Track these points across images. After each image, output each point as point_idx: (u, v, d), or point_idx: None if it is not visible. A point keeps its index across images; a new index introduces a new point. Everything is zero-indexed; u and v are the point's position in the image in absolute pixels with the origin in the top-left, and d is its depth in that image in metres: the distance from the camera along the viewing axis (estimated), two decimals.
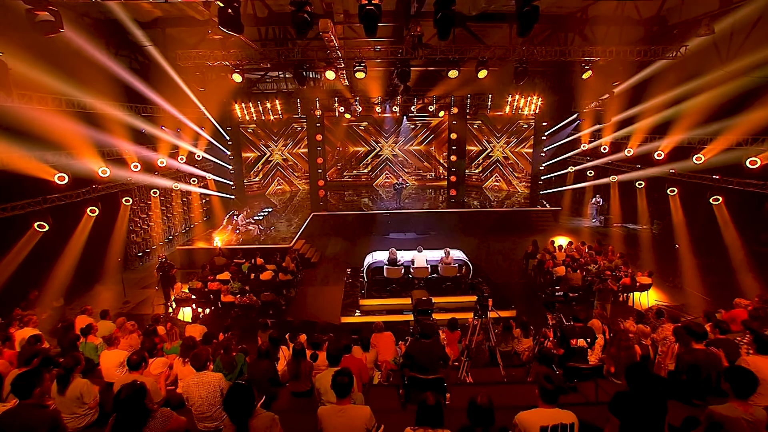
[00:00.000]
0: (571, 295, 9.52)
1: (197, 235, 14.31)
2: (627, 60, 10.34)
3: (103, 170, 9.64)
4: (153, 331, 5.80)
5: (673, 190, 12.04)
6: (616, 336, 5.04)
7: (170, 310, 9.64)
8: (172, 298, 9.66)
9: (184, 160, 13.79)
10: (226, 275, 10.12)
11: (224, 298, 9.38)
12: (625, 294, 9.61)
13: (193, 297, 9.58)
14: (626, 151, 13.02)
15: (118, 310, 9.21)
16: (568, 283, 9.58)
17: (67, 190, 9.21)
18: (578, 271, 9.71)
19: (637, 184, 13.59)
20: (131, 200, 11.67)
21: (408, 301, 9.17)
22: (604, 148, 14.32)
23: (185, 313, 9.59)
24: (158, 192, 13.02)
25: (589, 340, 4.80)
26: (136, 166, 11.09)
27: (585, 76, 10.75)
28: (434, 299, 9.10)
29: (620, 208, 15.01)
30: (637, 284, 9.30)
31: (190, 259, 12.20)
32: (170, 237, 14.10)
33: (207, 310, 9.71)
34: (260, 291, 9.58)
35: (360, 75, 10.90)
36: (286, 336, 6.73)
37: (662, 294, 9.80)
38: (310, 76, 17.03)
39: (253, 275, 10.35)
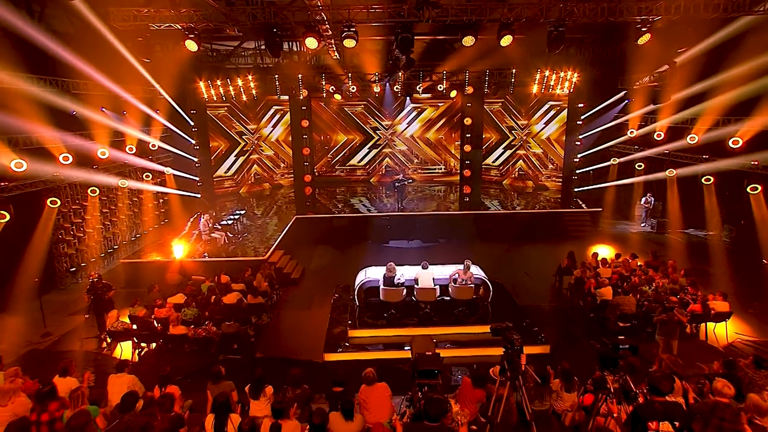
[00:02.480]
0: (621, 324, 8.60)
1: (150, 245, 13.59)
2: (699, 18, 9.32)
3: (17, 163, 8.64)
4: (48, 393, 4.69)
5: (756, 188, 11.19)
6: (716, 412, 3.88)
7: (105, 345, 8.66)
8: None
9: (134, 150, 13.08)
10: (179, 298, 9.25)
11: (173, 330, 8.39)
12: (693, 324, 8.58)
13: (135, 327, 8.56)
14: (689, 138, 12.27)
15: (32, 347, 8.26)
16: (617, 309, 8.64)
17: None
18: (630, 293, 8.78)
19: (703, 180, 12.90)
20: (59, 201, 10.84)
21: (411, 332, 8.58)
22: (659, 135, 13.68)
23: (124, 350, 8.56)
24: (98, 191, 12.26)
25: (677, 424, 3.65)
26: (66, 159, 10.28)
27: (641, 40, 9.73)
28: (444, 330, 8.67)
29: (680, 210, 14.29)
30: (712, 312, 8.24)
31: (138, 275, 11.35)
32: (114, 247, 13.35)
33: (153, 345, 8.68)
34: (223, 319, 8.63)
35: (349, 43, 9.98)
36: (246, 389, 5.71)
37: (743, 324, 8.75)
38: (293, 48, 16.35)
39: (214, 297, 9.43)
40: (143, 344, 8.60)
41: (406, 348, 8.16)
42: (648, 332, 8.24)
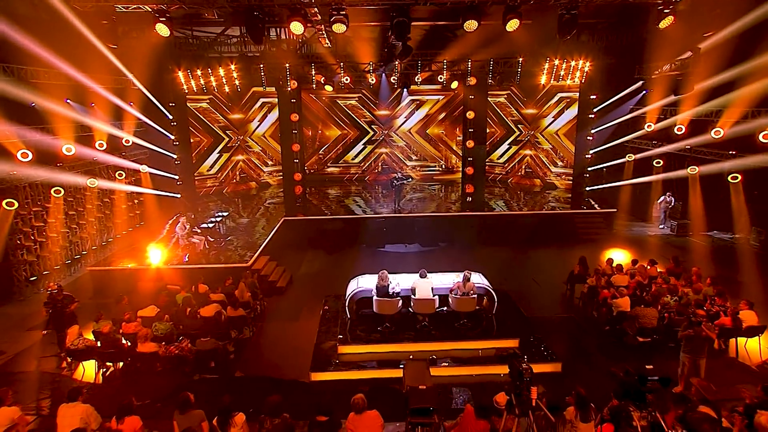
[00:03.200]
0: (641, 339, 8.31)
1: (122, 250, 13.19)
2: None
3: None
4: None
5: None
6: None
7: (65, 364, 8.26)
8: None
9: (105, 146, 12.79)
10: (151, 310, 8.93)
11: (142, 347, 7.99)
12: (722, 339, 8.15)
13: (99, 345, 8.14)
14: (713, 132, 12.06)
15: None
16: (636, 322, 8.32)
17: None
18: (651, 305, 8.45)
19: (729, 178, 12.63)
20: (17, 203, 10.50)
21: (407, 347, 8.41)
22: (680, 129, 13.45)
23: (87, 370, 8.15)
24: (63, 191, 11.93)
25: None
26: (25, 156, 9.92)
27: (663, 24, 9.36)
28: (444, 345, 8.38)
29: (703, 211, 14.08)
30: (744, 326, 7.87)
31: (107, 284, 11.01)
32: (83, 252, 12.98)
33: (120, 364, 8.27)
34: (199, 334, 8.30)
35: (339, 28, 9.66)
36: (214, 421, 5.35)
37: None
38: (282, 35, 16.05)
39: (189, 309, 9.10)
40: (109, 363, 8.20)
41: (401, 366, 7.86)
42: (671, 348, 7.95)
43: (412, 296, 8.74)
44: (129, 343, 8.20)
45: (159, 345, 7.97)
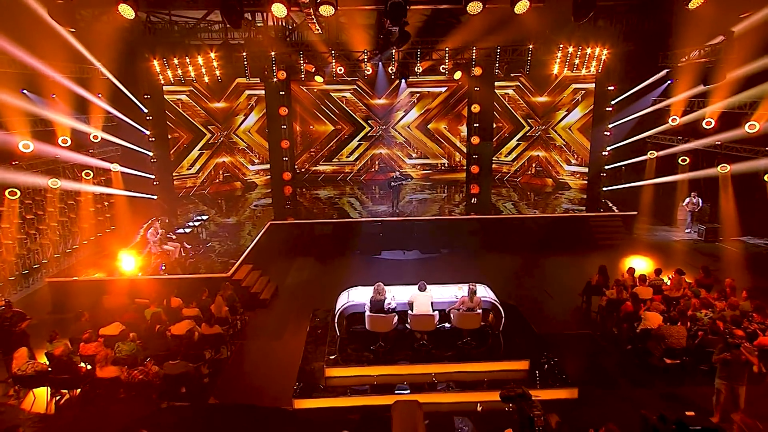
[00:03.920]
0: (668, 361, 7.93)
1: (88, 258, 12.96)
2: None
3: None
4: None
5: None
6: None
7: (12, 392, 7.87)
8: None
9: (69, 143, 12.61)
10: (114, 328, 8.60)
11: (101, 372, 7.57)
12: (762, 362, 7.62)
13: (50, 370, 7.75)
14: (747, 126, 11.78)
15: None
16: (662, 340, 7.94)
17: None
18: (679, 322, 8.03)
19: (766, 178, 12.46)
20: None
21: (403, 370, 8.12)
22: (709, 123, 13.23)
23: (37, 400, 7.74)
24: (19, 193, 11.66)
25: None
26: None
27: (693, 4, 9.10)
28: (445, 368, 8.06)
29: (736, 213, 13.88)
30: None
31: (69, 298, 10.64)
32: (43, 261, 12.66)
33: (78, 390, 7.84)
34: (169, 355, 7.95)
35: (326, 10, 9.53)
36: None
37: None
38: (269, 21, 15.85)
39: (158, 327, 8.82)
40: (64, 390, 7.83)
41: (396, 392, 7.68)
42: (703, 371, 7.58)
43: (409, 311, 8.47)
44: (88, 367, 7.85)
45: (121, 369, 7.57)
